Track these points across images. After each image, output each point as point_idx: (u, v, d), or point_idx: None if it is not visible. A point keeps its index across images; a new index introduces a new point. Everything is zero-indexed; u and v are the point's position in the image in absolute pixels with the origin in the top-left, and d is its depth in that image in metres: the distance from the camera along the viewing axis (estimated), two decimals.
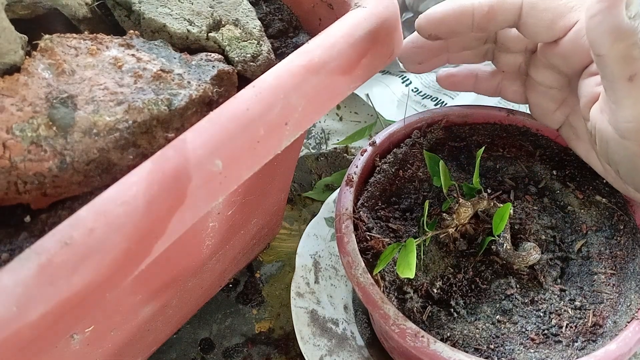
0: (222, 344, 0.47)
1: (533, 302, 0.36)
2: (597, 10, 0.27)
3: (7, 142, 0.22)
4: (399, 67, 0.64)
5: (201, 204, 0.23)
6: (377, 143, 0.41)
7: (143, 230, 0.21)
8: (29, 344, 0.20)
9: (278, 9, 0.35)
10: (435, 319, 0.35)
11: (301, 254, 0.47)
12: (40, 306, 0.19)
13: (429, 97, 0.62)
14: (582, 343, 0.33)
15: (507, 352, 0.34)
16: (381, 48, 0.29)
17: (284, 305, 0.49)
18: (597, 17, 0.27)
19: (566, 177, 0.41)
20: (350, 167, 0.40)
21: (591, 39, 0.28)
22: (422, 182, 0.41)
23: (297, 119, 0.26)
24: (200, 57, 0.29)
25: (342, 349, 0.43)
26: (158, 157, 0.22)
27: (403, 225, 0.39)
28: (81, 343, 0.28)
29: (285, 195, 0.47)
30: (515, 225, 0.39)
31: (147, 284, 0.31)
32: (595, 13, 0.27)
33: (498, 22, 0.34)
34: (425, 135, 0.42)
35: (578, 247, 0.38)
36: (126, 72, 0.25)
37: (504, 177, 0.42)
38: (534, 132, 0.42)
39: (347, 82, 0.28)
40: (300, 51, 0.26)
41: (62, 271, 0.20)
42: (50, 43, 0.25)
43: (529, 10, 0.33)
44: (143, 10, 0.29)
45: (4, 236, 0.23)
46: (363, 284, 0.34)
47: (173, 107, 0.25)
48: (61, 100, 0.23)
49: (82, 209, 0.21)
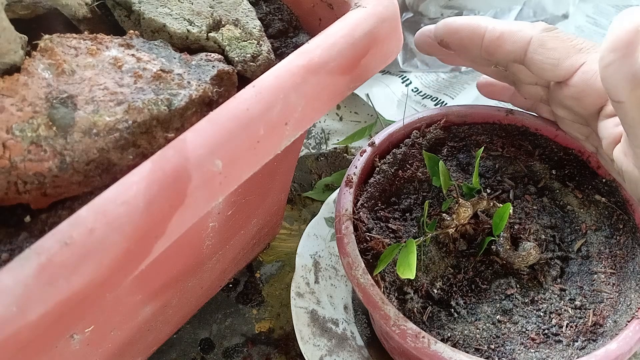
0: (222, 344, 0.47)
1: (533, 301, 0.36)
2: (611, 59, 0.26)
3: (7, 142, 0.22)
4: (399, 67, 0.64)
5: (201, 204, 0.23)
6: (376, 143, 0.41)
7: (143, 230, 0.21)
8: (29, 344, 0.20)
9: (278, 9, 0.35)
10: (436, 320, 0.35)
11: (301, 254, 0.47)
12: (40, 306, 0.19)
13: (429, 97, 0.62)
14: (583, 342, 0.33)
15: (507, 352, 0.34)
16: (381, 48, 0.29)
17: (284, 305, 0.49)
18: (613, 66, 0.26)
19: (565, 177, 0.41)
20: (350, 168, 0.40)
21: (608, 87, 0.27)
22: (422, 183, 0.41)
23: (297, 119, 0.26)
24: (200, 57, 0.29)
25: (342, 349, 0.43)
26: (158, 157, 0.22)
27: (403, 225, 0.39)
28: (81, 343, 0.28)
29: (285, 195, 0.47)
30: (515, 225, 0.39)
31: (147, 284, 0.31)
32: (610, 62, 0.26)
33: (505, 51, 0.34)
34: (425, 135, 0.42)
35: (578, 247, 0.38)
36: (126, 72, 0.25)
37: (503, 176, 0.42)
38: (533, 131, 0.42)
39: (347, 82, 0.28)
40: (300, 51, 0.26)
41: (62, 271, 0.20)
42: (50, 43, 0.25)
43: (537, 47, 0.33)
44: (143, 10, 0.29)
45: (4, 236, 0.23)
46: (363, 285, 0.34)
47: (173, 107, 0.25)
48: (61, 100, 0.23)
49: (82, 209, 0.21)
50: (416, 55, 0.64)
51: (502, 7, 0.62)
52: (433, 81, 0.64)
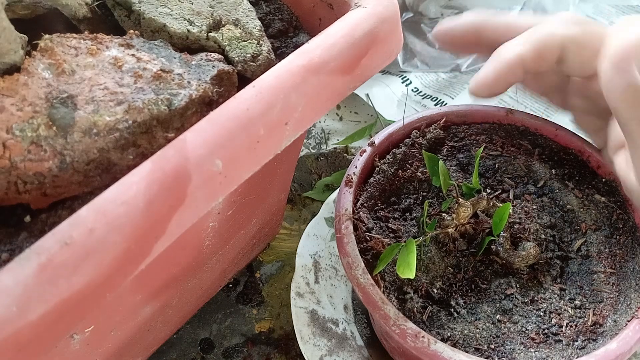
0: (222, 344, 0.47)
1: (533, 301, 0.36)
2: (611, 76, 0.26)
3: (7, 142, 0.22)
4: (399, 67, 0.64)
5: (201, 204, 0.23)
6: (376, 143, 0.41)
7: (143, 230, 0.21)
8: (29, 344, 0.20)
9: (278, 9, 0.35)
10: (436, 319, 0.35)
11: (301, 254, 0.47)
12: (40, 306, 0.19)
13: (429, 97, 0.62)
14: (583, 342, 0.34)
15: (507, 351, 0.34)
16: (381, 48, 0.29)
17: (284, 305, 0.49)
18: (614, 82, 0.26)
19: (565, 176, 0.41)
20: (350, 168, 0.40)
21: (610, 104, 0.27)
22: (422, 182, 0.41)
23: (297, 119, 0.26)
24: (200, 57, 0.29)
25: (342, 349, 0.43)
26: (158, 157, 0.22)
27: (403, 225, 0.39)
28: (81, 343, 0.28)
29: (285, 195, 0.47)
30: (514, 225, 0.39)
31: (147, 284, 0.31)
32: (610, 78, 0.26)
33: (546, 64, 0.33)
34: (424, 135, 0.42)
35: (577, 246, 0.38)
36: (126, 72, 0.25)
37: (503, 176, 0.42)
38: (533, 131, 0.42)
39: (347, 82, 0.28)
40: (300, 51, 0.26)
41: (62, 271, 0.20)
42: (50, 43, 0.25)
43: (570, 45, 0.32)
44: (143, 10, 0.29)
45: (4, 236, 0.23)
46: (363, 285, 0.34)
47: (173, 107, 0.25)
48: (61, 100, 0.23)
49: (82, 209, 0.21)
50: (416, 55, 0.64)
51: (502, 7, 0.62)
52: (433, 81, 0.64)
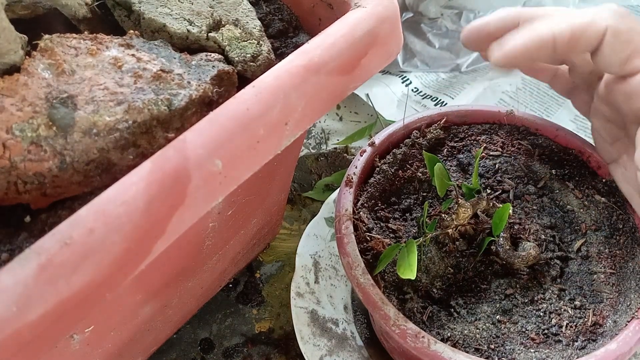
0: (222, 344, 0.47)
1: (533, 301, 0.36)
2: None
3: (7, 142, 0.22)
4: (399, 67, 0.64)
5: (201, 204, 0.23)
6: (376, 143, 0.41)
7: (143, 230, 0.21)
8: (28, 344, 0.20)
9: (278, 9, 0.35)
10: (436, 319, 0.35)
11: (301, 254, 0.47)
12: (40, 306, 0.19)
13: (429, 97, 0.62)
14: (582, 342, 0.33)
15: (507, 352, 0.34)
16: (381, 48, 0.29)
17: (284, 305, 0.49)
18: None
19: (565, 177, 0.41)
20: (350, 168, 0.40)
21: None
22: (422, 183, 0.41)
23: (297, 119, 0.26)
24: (200, 57, 0.29)
25: (342, 349, 0.43)
26: (158, 157, 0.22)
27: (403, 225, 0.39)
28: (81, 343, 0.28)
29: (285, 195, 0.47)
30: (514, 225, 0.39)
31: (147, 284, 0.31)
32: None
33: (580, 50, 0.32)
34: (425, 135, 0.42)
35: (577, 247, 0.38)
36: (126, 72, 0.25)
37: (503, 176, 0.42)
38: (533, 131, 0.42)
39: (347, 82, 0.28)
40: (300, 51, 0.26)
41: (62, 271, 0.20)
42: (50, 43, 0.25)
43: (611, 37, 0.30)
44: (143, 10, 0.29)
45: (4, 236, 0.23)
46: (363, 285, 0.34)
47: (173, 107, 0.25)
48: (61, 100, 0.23)
49: (82, 209, 0.21)
50: (416, 55, 0.64)
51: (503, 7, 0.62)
52: (433, 81, 0.64)
